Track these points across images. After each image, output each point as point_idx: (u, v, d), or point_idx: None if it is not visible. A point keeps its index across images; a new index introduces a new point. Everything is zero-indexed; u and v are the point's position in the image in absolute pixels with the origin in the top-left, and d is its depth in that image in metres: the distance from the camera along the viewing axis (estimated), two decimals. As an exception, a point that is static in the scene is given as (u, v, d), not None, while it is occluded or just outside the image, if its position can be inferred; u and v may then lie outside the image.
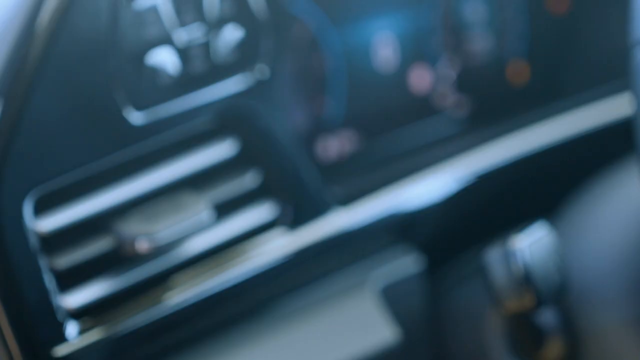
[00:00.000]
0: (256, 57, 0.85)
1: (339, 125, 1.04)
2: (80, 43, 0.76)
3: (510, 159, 1.03)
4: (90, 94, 0.77)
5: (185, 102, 0.81)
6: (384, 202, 0.95)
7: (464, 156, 1.01)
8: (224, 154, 0.85)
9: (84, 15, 0.75)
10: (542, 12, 1.14)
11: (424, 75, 1.09)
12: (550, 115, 1.08)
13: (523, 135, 1.05)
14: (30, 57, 0.74)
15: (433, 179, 0.98)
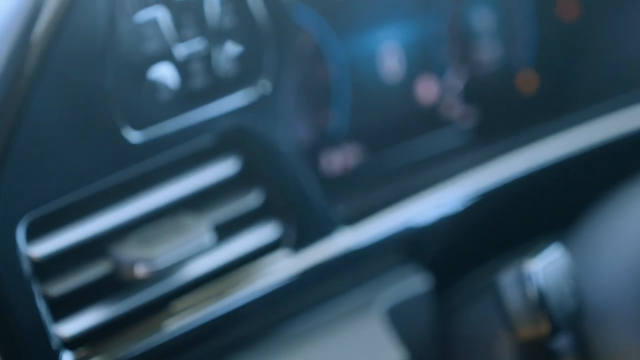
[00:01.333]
0: (259, 71, 0.82)
1: (343, 138, 1.00)
2: (76, 58, 0.72)
3: (520, 173, 0.99)
4: (87, 111, 0.73)
5: (186, 119, 0.78)
6: (390, 220, 0.91)
7: (473, 171, 0.98)
8: (225, 172, 0.82)
9: (81, 29, 0.72)
10: (552, 18, 1.11)
11: (430, 85, 1.06)
12: (561, 128, 1.04)
13: (533, 148, 1.01)
14: (24, 73, 0.70)
15: (441, 195, 0.95)
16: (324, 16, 0.98)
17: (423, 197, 0.94)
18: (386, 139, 1.03)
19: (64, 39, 0.71)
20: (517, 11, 1.11)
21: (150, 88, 0.76)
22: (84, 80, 0.73)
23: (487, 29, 1.09)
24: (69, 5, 0.71)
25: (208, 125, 0.79)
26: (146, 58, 0.75)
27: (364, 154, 1.02)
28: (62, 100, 0.72)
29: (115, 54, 0.74)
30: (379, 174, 1.01)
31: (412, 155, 1.03)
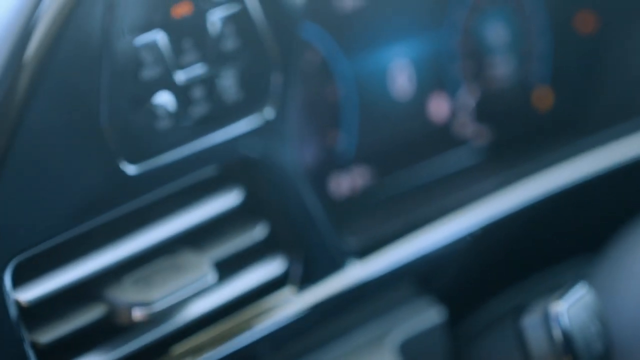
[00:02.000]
0: (265, 95, 0.76)
1: (351, 160, 0.95)
2: (67, 84, 0.67)
3: (537, 198, 0.95)
4: (79, 142, 0.68)
5: (186, 149, 0.72)
6: (402, 251, 0.86)
7: (487, 194, 0.93)
8: (227, 204, 0.76)
9: (74, 54, 0.67)
10: (568, 31, 1.06)
11: (442, 103, 1.01)
12: (578, 150, 0.99)
13: (550, 172, 0.96)
14: (13, 101, 0.65)
15: (455, 222, 0.90)
16: (330, 33, 0.93)
17: (436, 225, 0.89)
18: (396, 160, 0.98)
19: (55, 64, 0.66)
20: (532, 24, 1.05)
21: (148, 117, 0.70)
22: (76, 108, 0.67)
23: (501, 44, 1.04)
24: (60, 28, 0.66)
25: (210, 155, 0.74)
26: (144, 85, 0.70)
27: (372, 177, 0.97)
28: (52, 131, 0.67)
29: (111, 81, 0.68)
30: (390, 198, 0.96)
31: (424, 176, 0.98)
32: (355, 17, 0.94)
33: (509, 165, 1.00)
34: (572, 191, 0.97)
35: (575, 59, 1.07)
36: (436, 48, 1.00)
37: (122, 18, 0.68)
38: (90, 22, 0.67)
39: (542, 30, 1.05)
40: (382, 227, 0.88)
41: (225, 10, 0.73)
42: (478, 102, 1.03)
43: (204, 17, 0.72)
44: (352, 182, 0.96)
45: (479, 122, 1.03)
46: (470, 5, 1.01)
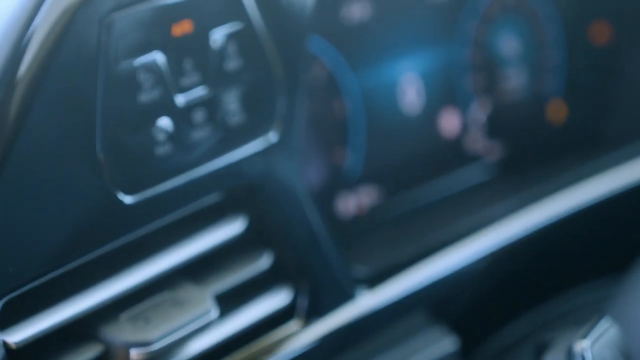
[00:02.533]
0: (271, 117, 0.72)
1: (359, 179, 0.91)
2: (60, 109, 0.62)
3: (552, 219, 0.90)
4: (73, 172, 0.63)
5: (186, 177, 0.68)
6: (413, 278, 0.82)
7: (500, 216, 0.88)
8: (230, 233, 0.72)
9: (67, 75, 0.62)
10: (582, 43, 1.02)
11: (453, 119, 0.96)
12: (594, 166, 0.95)
13: (565, 190, 0.92)
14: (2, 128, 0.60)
15: (468, 246, 0.85)
16: (336, 46, 0.88)
17: (448, 249, 0.85)
18: (405, 178, 0.94)
19: (47, 87, 0.61)
20: (545, 35, 1.01)
21: (147, 143, 0.66)
22: (69, 134, 0.63)
23: (513, 56, 1.00)
24: (53, 48, 0.61)
25: (211, 182, 0.70)
26: (142, 109, 0.65)
27: (380, 196, 0.92)
28: (43, 159, 0.62)
29: (107, 105, 0.63)
30: (399, 219, 0.91)
31: (435, 194, 0.94)
32: (362, 30, 0.90)
33: (523, 182, 0.96)
34: (588, 211, 0.92)
35: (590, 70, 1.03)
36: (446, 61, 0.95)
37: (120, 38, 0.63)
38: (85, 42, 0.62)
39: (556, 41, 1.01)
40: (392, 253, 0.84)
41: (227, 28, 0.69)
42: (490, 116, 0.99)
43: (206, 35, 0.68)
44: (359, 202, 0.91)
45: (491, 137, 0.99)
46: (481, 16, 0.97)
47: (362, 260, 0.81)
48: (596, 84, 1.03)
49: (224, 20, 0.68)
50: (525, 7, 0.99)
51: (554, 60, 1.02)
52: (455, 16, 0.95)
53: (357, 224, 0.90)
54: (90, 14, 0.62)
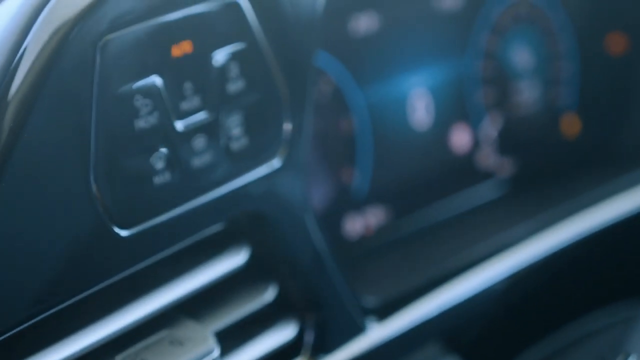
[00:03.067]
0: (275, 143, 0.67)
1: (366, 200, 0.86)
2: (51, 136, 0.57)
3: (567, 241, 0.87)
4: (64, 204, 0.58)
5: (185, 207, 0.63)
6: (424, 307, 0.78)
7: (513, 240, 0.84)
8: (232, 265, 0.68)
9: (58, 102, 0.57)
10: (597, 54, 0.98)
11: (463, 135, 0.92)
12: (611, 186, 0.91)
13: (580, 211, 0.88)
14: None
15: (480, 272, 0.81)
16: (342, 61, 0.84)
17: (461, 276, 0.80)
18: (414, 198, 0.90)
19: (37, 112, 0.57)
20: (558, 46, 0.97)
21: (144, 172, 0.61)
22: (61, 163, 0.58)
23: (525, 68, 0.96)
24: (44, 71, 0.57)
25: (212, 213, 0.65)
26: (140, 135, 0.61)
27: (388, 217, 0.88)
28: (32, 188, 0.57)
29: (102, 132, 0.59)
30: (408, 242, 0.87)
31: (445, 213, 0.90)
32: (369, 43, 0.86)
33: (536, 199, 0.92)
34: (604, 233, 0.88)
35: (605, 82, 0.99)
36: (457, 74, 0.91)
37: (115, 60, 0.59)
38: (79, 65, 0.58)
39: (570, 52, 0.97)
40: (402, 280, 0.80)
41: (230, 48, 0.64)
42: (502, 131, 0.95)
43: (207, 56, 0.63)
44: (366, 224, 0.87)
45: (503, 153, 0.95)
46: (492, 27, 0.93)
47: (371, 289, 0.77)
48: (611, 96, 0.99)
49: (226, 40, 0.64)
50: (538, 17, 0.95)
51: (568, 72, 0.98)
52: (467, 27, 0.91)
53: (365, 245, 0.86)
54: (83, 35, 0.58)
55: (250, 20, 0.65)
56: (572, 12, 0.97)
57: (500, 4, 0.93)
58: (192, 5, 0.62)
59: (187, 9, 0.62)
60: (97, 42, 0.58)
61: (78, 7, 0.58)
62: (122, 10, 0.59)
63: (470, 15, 0.91)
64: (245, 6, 0.65)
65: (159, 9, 0.61)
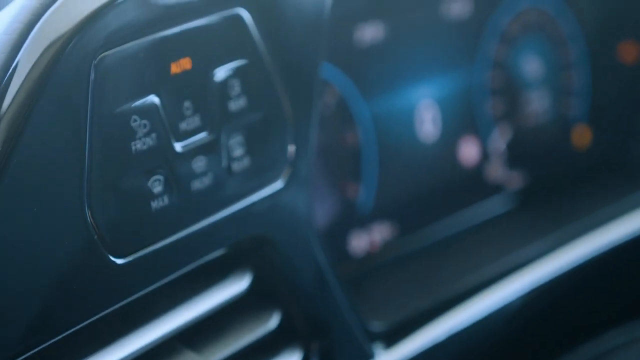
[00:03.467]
0: (279, 163, 0.64)
1: (371, 215, 0.83)
2: (44, 158, 0.54)
3: (579, 259, 0.84)
4: (57, 231, 0.55)
5: (184, 233, 0.60)
6: (433, 331, 0.75)
7: (523, 259, 0.81)
8: (233, 291, 0.64)
9: (51, 122, 0.54)
10: (609, 64, 0.95)
11: (471, 148, 0.89)
12: (621, 200, 0.88)
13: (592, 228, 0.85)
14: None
15: (490, 293, 0.78)
16: (346, 72, 0.81)
17: (470, 298, 0.77)
18: (421, 212, 0.87)
19: (28, 134, 0.53)
20: (572, 56, 0.94)
21: (142, 197, 0.58)
22: (54, 188, 0.55)
23: (535, 78, 0.93)
24: (35, 89, 0.53)
25: (213, 238, 0.62)
26: (136, 159, 0.57)
27: (395, 232, 0.85)
28: (23, 214, 0.54)
29: (96, 155, 0.55)
30: (415, 258, 0.84)
31: (453, 228, 0.87)
32: (375, 54, 0.82)
33: (546, 213, 0.90)
34: (617, 251, 0.85)
35: (616, 92, 0.96)
36: (465, 85, 0.88)
37: (111, 79, 0.55)
38: (73, 84, 0.54)
39: (581, 61, 0.94)
40: (410, 303, 0.77)
41: (231, 65, 0.61)
42: (511, 143, 0.92)
43: (207, 74, 0.60)
44: (371, 240, 0.84)
45: (512, 165, 0.92)
46: (501, 36, 0.89)
47: (378, 313, 0.74)
48: (623, 106, 0.96)
49: (228, 56, 0.61)
50: (548, 25, 0.92)
51: (579, 81, 0.95)
52: (476, 36, 0.88)
53: (370, 262, 0.83)
54: (77, 52, 0.54)
55: (253, 33, 0.62)
56: (583, 20, 0.94)
57: (509, 12, 0.90)
58: (192, 20, 0.59)
59: (186, 23, 0.58)
60: (92, 60, 0.55)
61: (72, 23, 0.54)
62: (118, 26, 0.55)
63: (479, 23, 0.88)
64: (248, 18, 0.61)
65: (157, 25, 0.57)
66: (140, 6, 0.56)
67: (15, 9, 0.54)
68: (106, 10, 0.55)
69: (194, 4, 0.59)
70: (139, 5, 0.56)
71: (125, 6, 0.55)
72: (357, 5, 0.80)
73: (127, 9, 0.56)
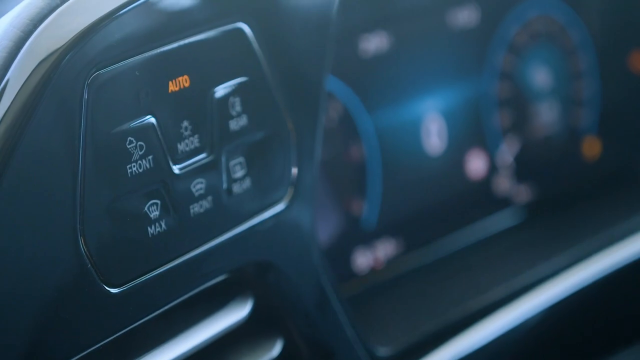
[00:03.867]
0: (283, 182, 0.61)
1: (376, 231, 0.81)
2: (36, 182, 0.51)
3: (590, 278, 0.81)
4: (49, 260, 0.52)
5: (182, 260, 0.57)
6: (439, 357, 0.71)
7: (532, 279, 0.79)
8: (233, 319, 0.61)
9: (41, 147, 0.51)
10: (621, 73, 0.92)
11: (478, 161, 0.86)
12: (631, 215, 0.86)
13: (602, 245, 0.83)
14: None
15: (498, 315, 0.75)
16: (350, 86, 0.78)
17: (477, 321, 0.74)
18: (426, 228, 0.84)
19: (17, 158, 0.50)
20: (578, 65, 0.91)
21: (137, 223, 0.55)
22: (45, 215, 0.52)
23: (544, 89, 0.90)
24: (25, 110, 0.50)
25: (213, 265, 0.59)
26: (132, 182, 0.54)
27: (400, 248, 0.83)
28: (13, 242, 0.51)
29: (90, 179, 0.53)
30: (420, 275, 0.82)
31: (460, 243, 0.84)
32: (379, 65, 0.79)
33: (554, 227, 0.87)
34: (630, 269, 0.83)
35: (627, 102, 0.93)
36: (472, 97, 0.85)
37: (106, 99, 0.53)
38: (65, 104, 0.51)
39: (591, 71, 0.91)
40: (416, 326, 0.74)
41: (232, 83, 0.58)
42: (519, 155, 0.89)
43: (207, 92, 0.57)
44: (376, 257, 0.81)
45: (520, 178, 0.90)
46: (510, 46, 0.87)
47: (384, 337, 0.71)
48: (633, 116, 0.94)
49: (228, 72, 0.58)
50: (557, 34, 0.89)
51: (588, 92, 0.92)
52: (484, 46, 0.85)
53: (375, 279, 0.81)
54: (69, 71, 0.51)
55: (254, 48, 0.59)
56: (593, 28, 0.91)
57: (518, 20, 0.87)
58: (190, 36, 0.56)
59: (184, 39, 0.55)
60: (85, 79, 0.52)
61: (63, 40, 0.51)
62: (113, 43, 0.52)
63: (487, 32, 0.86)
64: (249, 33, 0.58)
65: (154, 41, 0.54)
66: (135, 22, 0.53)
67: (3, 25, 0.51)
68: (100, 27, 0.52)
69: (192, 18, 0.56)
70: (134, 21, 0.53)
71: (120, 22, 0.53)
72: (361, 16, 0.77)
73: (122, 25, 0.53)
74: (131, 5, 0.53)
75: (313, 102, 0.63)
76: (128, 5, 0.53)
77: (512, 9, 0.87)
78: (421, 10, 0.81)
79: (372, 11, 0.78)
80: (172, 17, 0.55)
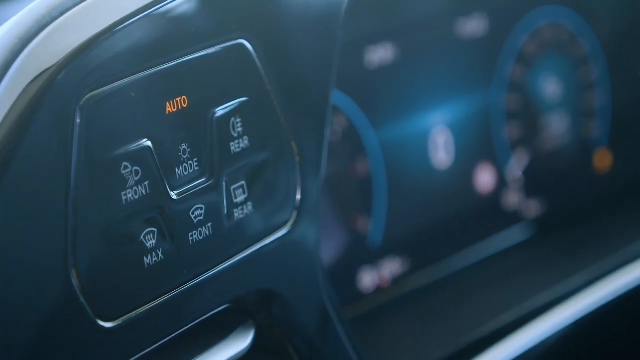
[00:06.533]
0: (286, 206, 0.58)
1: (381, 249, 0.78)
2: (21, 212, 0.48)
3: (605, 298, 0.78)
4: (38, 292, 0.49)
5: (180, 291, 0.54)
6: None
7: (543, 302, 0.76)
8: (233, 350, 0.58)
9: (29, 173, 0.48)
10: (632, 83, 0.89)
11: (486, 175, 0.84)
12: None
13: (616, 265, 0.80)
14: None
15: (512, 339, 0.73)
16: (354, 98, 0.75)
17: (490, 346, 0.72)
18: (432, 246, 0.82)
19: (4, 183, 0.47)
20: (589, 76, 0.89)
21: (132, 252, 0.52)
22: (32, 241, 0.49)
23: (554, 100, 0.87)
24: (13, 134, 0.47)
25: (213, 296, 0.56)
26: (127, 210, 0.51)
27: (405, 266, 0.80)
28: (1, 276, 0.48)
29: (81, 207, 0.50)
30: (427, 295, 0.79)
31: (468, 259, 0.82)
32: (385, 78, 0.77)
33: (564, 243, 0.85)
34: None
35: (638, 114, 0.91)
36: (481, 109, 0.83)
37: (99, 122, 0.50)
38: (56, 127, 0.48)
39: (602, 81, 0.88)
40: (423, 353, 0.71)
41: (233, 100, 0.55)
42: (529, 169, 0.86)
43: (206, 114, 0.54)
44: (381, 275, 0.78)
45: (529, 193, 0.87)
46: (519, 57, 0.84)
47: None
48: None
49: (229, 91, 0.55)
50: (567, 44, 0.87)
51: (599, 102, 0.89)
52: (493, 57, 0.82)
53: (381, 300, 0.78)
54: (60, 92, 0.48)
55: (256, 65, 0.56)
56: (604, 37, 0.88)
57: (527, 29, 0.84)
58: (188, 54, 0.53)
59: (182, 58, 0.52)
60: (77, 101, 0.49)
61: (53, 60, 0.48)
62: (106, 62, 0.49)
63: (496, 43, 0.83)
64: (251, 50, 0.55)
65: (150, 60, 0.51)
66: (130, 40, 0.50)
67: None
68: (92, 46, 0.49)
69: (190, 35, 0.53)
70: (128, 39, 0.50)
71: (114, 41, 0.49)
72: (366, 27, 0.74)
73: (116, 43, 0.50)
74: (125, 22, 0.50)
75: (318, 120, 0.60)
76: (122, 23, 0.50)
77: (522, 17, 0.84)
78: (428, 21, 0.78)
79: (378, 22, 0.75)
80: (168, 34, 0.52)
